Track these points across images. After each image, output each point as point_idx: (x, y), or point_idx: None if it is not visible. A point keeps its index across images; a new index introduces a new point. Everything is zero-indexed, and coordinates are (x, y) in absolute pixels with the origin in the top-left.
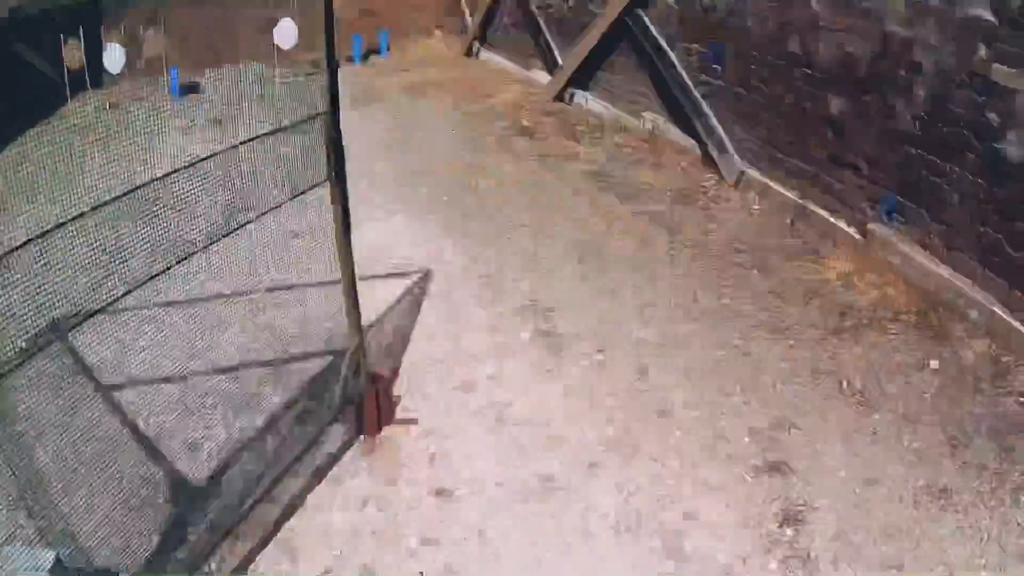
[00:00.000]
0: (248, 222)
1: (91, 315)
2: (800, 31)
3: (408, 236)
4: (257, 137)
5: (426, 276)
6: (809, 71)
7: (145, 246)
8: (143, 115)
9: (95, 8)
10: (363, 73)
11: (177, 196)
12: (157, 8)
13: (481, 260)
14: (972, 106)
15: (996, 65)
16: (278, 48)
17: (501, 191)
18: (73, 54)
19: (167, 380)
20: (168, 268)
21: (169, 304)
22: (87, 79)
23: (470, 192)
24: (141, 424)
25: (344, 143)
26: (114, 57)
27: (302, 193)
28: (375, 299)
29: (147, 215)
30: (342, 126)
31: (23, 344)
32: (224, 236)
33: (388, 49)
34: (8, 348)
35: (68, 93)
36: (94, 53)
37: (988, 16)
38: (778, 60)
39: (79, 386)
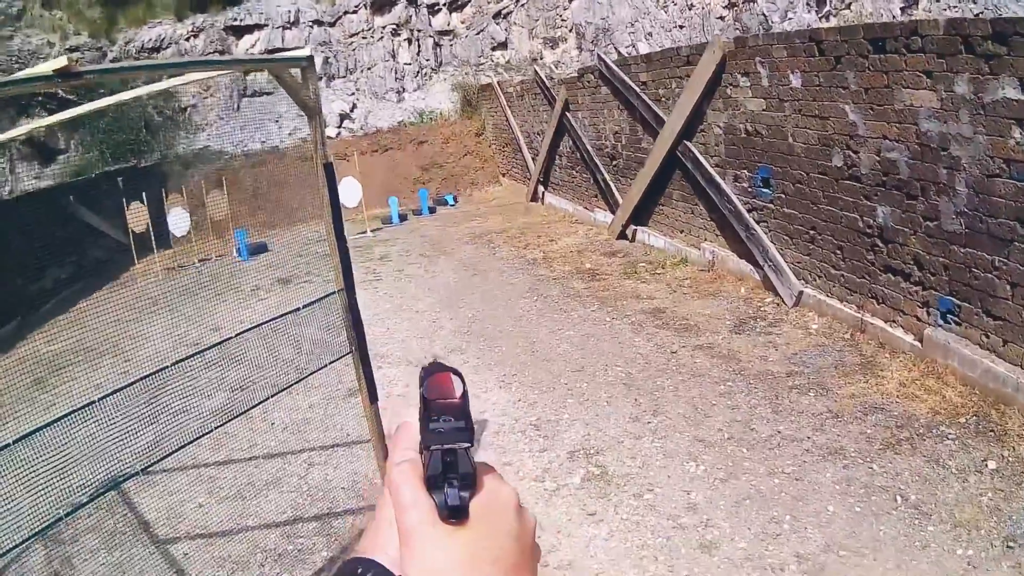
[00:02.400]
0: (291, 384)
1: (146, 469)
2: (840, 143)
3: None
4: (289, 312)
5: (478, 427)
6: (853, 182)
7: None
8: (210, 278)
9: (157, 171)
10: (431, 225)
11: (231, 360)
12: (222, 170)
13: (536, 407)
14: (1013, 194)
15: None
16: (344, 206)
17: (560, 336)
18: (138, 217)
19: (222, 535)
20: (223, 424)
21: (225, 462)
22: (153, 241)
23: (529, 340)
24: None
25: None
26: (178, 220)
27: (331, 363)
28: None
29: (203, 379)
30: (410, 280)
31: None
32: (276, 394)
33: (455, 200)
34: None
35: (134, 255)
36: (158, 215)
37: (1018, 96)
38: (823, 175)
39: (136, 539)
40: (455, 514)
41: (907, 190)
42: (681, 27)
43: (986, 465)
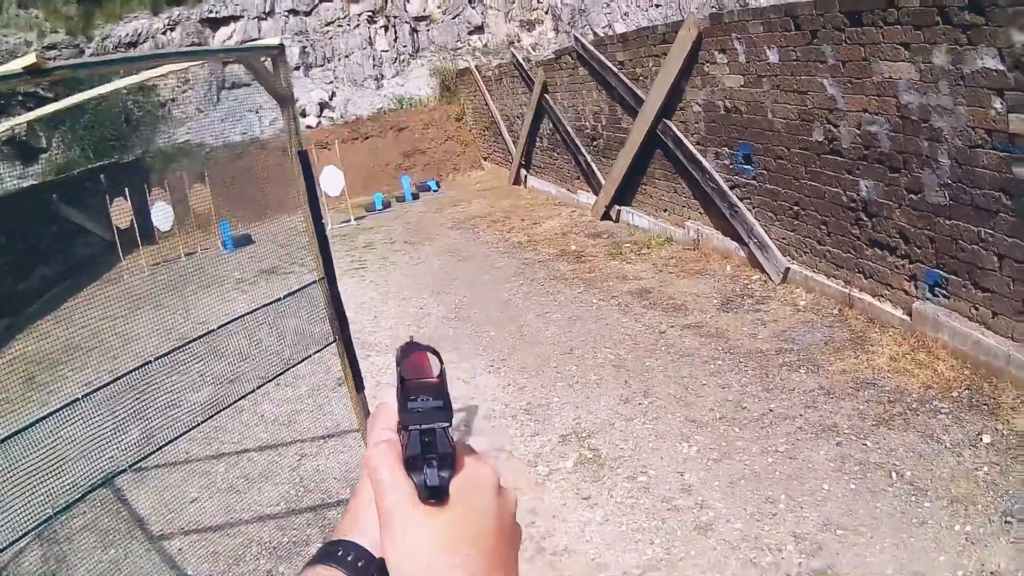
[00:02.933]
0: (277, 375)
1: (134, 464)
2: (820, 118)
3: (453, 375)
4: (270, 303)
5: (468, 413)
6: (835, 157)
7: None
8: (195, 271)
9: (139, 166)
10: (415, 211)
11: (216, 353)
12: (203, 163)
13: (526, 391)
14: (997, 164)
15: (1013, 115)
16: (326, 195)
17: (547, 319)
18: (121, 213)
19: (216, 529)
20: (211, 418)
21: (217, 456)
22: (137, 237)
23: (516, 324)
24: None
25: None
26: (162, 214)
27: (316, 352)
28: None
29: (193, 372)
30: (396, 267)
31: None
32: (263, 385)
33: (438, 185)
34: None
35: (120, 251)
36: (142, 210)
37: (997, 65)
38: (804, 150)
39: (130, 536)
40: (434, 495)
41: (889, 163)
42: (657, 6)
43: (981, 439)
